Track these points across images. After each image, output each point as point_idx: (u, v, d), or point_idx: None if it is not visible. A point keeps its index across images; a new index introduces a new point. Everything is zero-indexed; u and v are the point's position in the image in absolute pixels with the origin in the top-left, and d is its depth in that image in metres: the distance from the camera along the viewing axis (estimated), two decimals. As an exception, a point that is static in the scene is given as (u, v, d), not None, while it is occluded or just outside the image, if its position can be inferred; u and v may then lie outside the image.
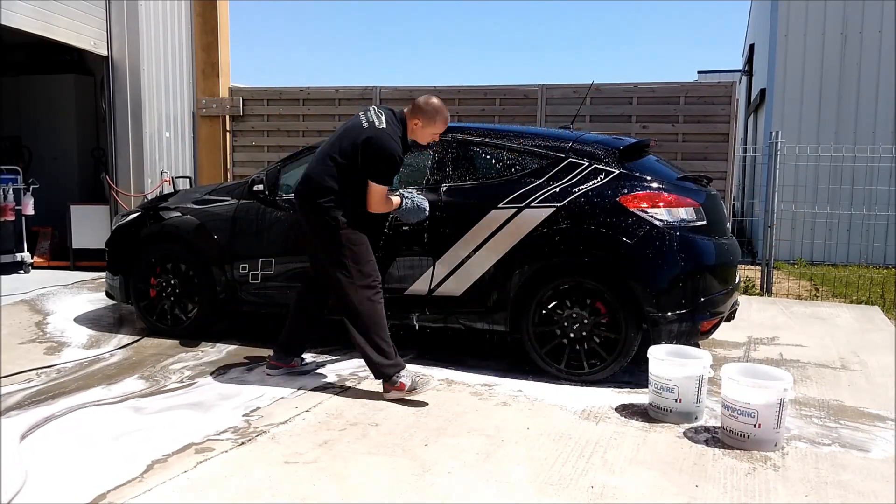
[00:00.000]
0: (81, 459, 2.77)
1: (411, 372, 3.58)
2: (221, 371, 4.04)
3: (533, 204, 3.93)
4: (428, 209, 3.86)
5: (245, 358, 4.32)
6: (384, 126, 3.56)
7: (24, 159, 8.79)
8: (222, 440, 2.97)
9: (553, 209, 3.89)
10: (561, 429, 3.16)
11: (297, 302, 3.96)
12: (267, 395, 3.57)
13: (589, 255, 3.82)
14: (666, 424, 3.23)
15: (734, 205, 10.12)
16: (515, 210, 3.95)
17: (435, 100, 3.69)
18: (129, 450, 2.86)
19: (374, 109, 3.68)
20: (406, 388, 3.48)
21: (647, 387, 3.42)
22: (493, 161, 4.20)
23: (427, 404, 3.46)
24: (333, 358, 4.30)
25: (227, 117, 9.15)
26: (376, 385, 3.74)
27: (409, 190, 3.93)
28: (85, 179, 9.07)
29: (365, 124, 3.59)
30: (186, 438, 2.98)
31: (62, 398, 3.52)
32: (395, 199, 3.74)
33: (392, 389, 3.51)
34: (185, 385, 3.77)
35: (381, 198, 3.60)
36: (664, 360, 3.28)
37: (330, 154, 3.60)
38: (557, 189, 3.93)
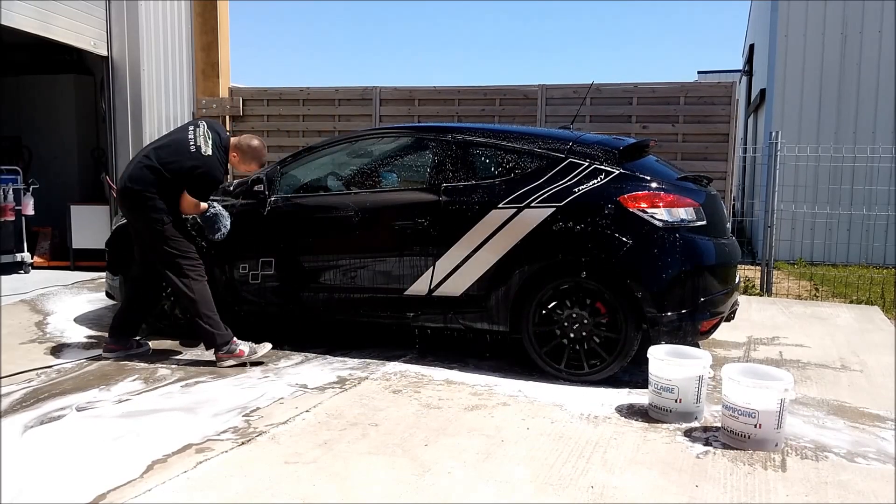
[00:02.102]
0: (81, 459, 2.77)
1: (246, 342, 4.11)
2: (221, 371, 4.04)
3: (533, 204, 3.93)
4: (226, 227, 4.24)
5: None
6: (210, 154, 4.03)
7: (24, 159, 8.78)
8: (222, 440, 2.97)
9: (553, 209, 3.89)
10: (561, 429, 3.16)
11: (134, 289, 4.36)
12: (267, 396, 3.57)
13: (589, 255, 3.82)
14: (666, 424, 3.23)
15: (734, 205, 10.12)
16: (515, 210, 3.95)
17: (256, 142, 4.29)
18: (128, 450, 2.86)
19: (204, 130, 4.10)
20: (246, 354, 4.06)
21: (647, 387, 3.42)
22: (493, 161, 4.20)
23: (427, 405, 3.46)
24: (333, 358, 4.30)
25: (227, 117, 9.15)
26: (376, 385, 3.74)
27: (216, 204, 4.28)
28: (85, 179, 9.06)
29: (192, 147, 4.00)
30: (186, 438, 2.98)
31: (62, 398, 3.52)
32: (203, 205, 4.16)
33: (230, 357, 4.04)
34: (185, 385, 3.77)
35: (191, 205, 4.09)
36: (664, 360, 3.28)
37: (148, 164, 4.00)
38: (557, 189, 3.93)
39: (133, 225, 4.14)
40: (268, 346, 4.16)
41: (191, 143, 4.01)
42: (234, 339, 4.10)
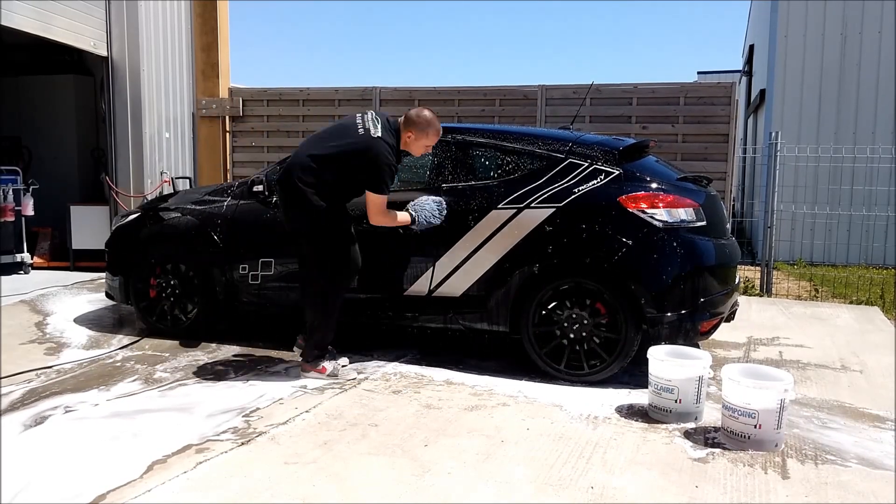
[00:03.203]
0: (81, 459, 2.77)
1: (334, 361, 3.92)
2: (221, 371, 4.04)
3: (533, 204, 3.93)
4: (441, 213, 3.96)
5: (245, 359, 4.32)
6: (380, 135, 3.63)
7: (24, 159, 8.78)
8: (222, 441, 2.97)
9: (553, 210, 3.89)
10: (561, 429, 3.16)
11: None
12: (267, 396, 3.57)
13: (589, 255, 3.82)
14: (666, 425, 3.23)
15: (734, 205, 10.13)
16: (515, 210, 3.95)
17: (427, 112, 3.77)
18: (128, 450, 2.86)
19: (371, 115, 3.74)
20: (328, 371, 3.84)
21: (647, 387, 3.42)
22: (493, 162, 4.20)
23: (427, 405, 3.46)
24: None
25: (227, 118, 9.15)
26: (376, 385, 3.74)
27: (422, 198, 3.99)
28: (85, 179, 9.06)
29: (360, 130, 3.65)
30: (186, 439, 2.98)
31: (62, 398, 3.52)
32: (403, 216, 3.87)
33: (313, 371, 3.84)
34: (185, 385, 3.77)
35: (379, 208, 3.72)
36: (664, 361, 3.28)
37: (314, 152, 3.69)
38: (557, 190, 3.93)
39: (291, 222, 3.83)
40: (345, 360, 4.03)
41: (358, 127, 3.68)
42: (325, 356, 3.91)
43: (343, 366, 3.96)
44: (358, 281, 4.28)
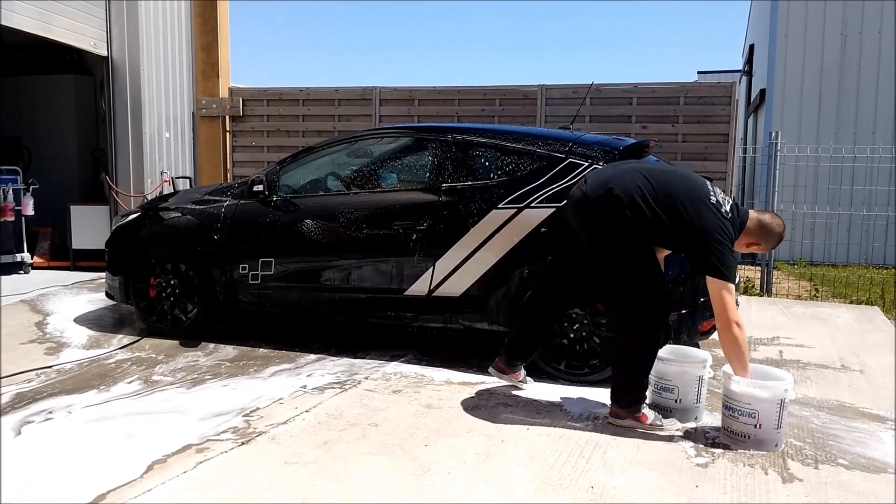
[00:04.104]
0: (81, 459, 2.77)
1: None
2: (221, 371, 4.04)
3: (533, 204, 3.93)
4: None
5: (245, 359, 4.32)
6: (730, 217, 3.10)
7: (24, 159, 8.78)
8: (222, 440, 2.97)
9: (553, 209, 3.89)
10: (561, 429, 3.15)
11: (530, 308, 3.61)
12: (266, 396, 3.57)
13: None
14: (666, 425, 3.22)
15: (734, 205, 10.10)
16: (515, 210, 3.95)
17: (781, 224, 3.22)
18: (128, 450, 2.86)
19: (717, 189, 3.22)
20: (649, 421, 3.16)
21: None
22: (493, 162, 4.19)
23: (427, 404, 3.46)
24: (333, 358, 4.29)
25: (227, 118, 9.14)
26: (376, 385, 3.74)
27: None
28: (85, 179, 9.06)
29: (712, 199, 3.09)
30: (186, 439, 2.98)
31: (62, 398, 3.52)
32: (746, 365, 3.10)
33: (630, 419, 3.17)
34: (185, 385, 3.77)
35: (725, 307, 3.09)
36: (664, 360, 3.28)
37: (649, 184, 3.09)
38: (557, 189, 3.92)
39: (592, 237, 3.20)
40: (676, 424, 3.22)
41: (710, 192, 3.12)
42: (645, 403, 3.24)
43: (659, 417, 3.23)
44: (357, 281, 4.29)
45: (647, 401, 3.20)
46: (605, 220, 3.11)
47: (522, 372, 3.69)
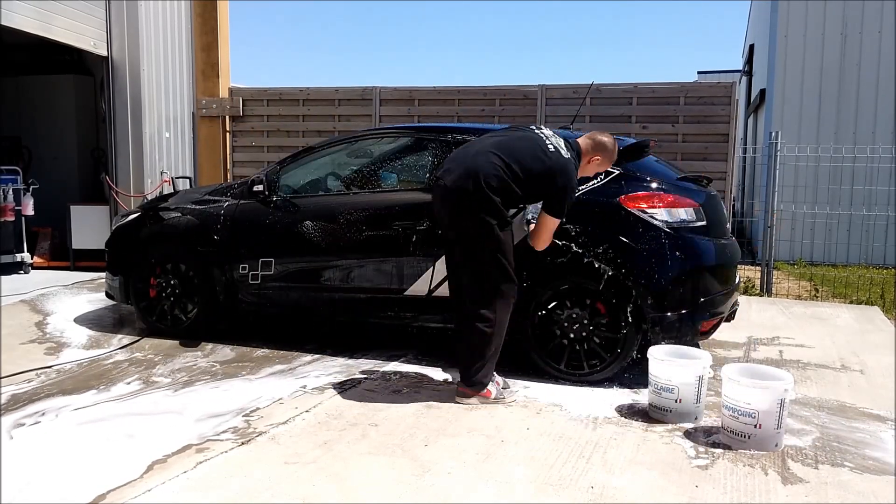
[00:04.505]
0: (81, 459, 2.77)
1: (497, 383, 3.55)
2: (221, 372, 4.04)
3: (533, 204, 3.93)
4: None
5: (245, 359, 4.32)
6: (569, 157, 3.41)
7: (24, 159, 8.78)
8: (222, 441, 2.97)
9: (553, 209, 3.88)
10: (561, 429, 3.15)
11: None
12: (266, 396, 3.57)
13: (589, 255, 3.82)
14: (666, 425, 3.22)
15: (734, 205, 10.12)
16: (515, 210, 3.94)
17: (607, 137, 3.60)
18: (128, 450, 2.86)
19: (551, 132, 3.51)
20: (493, 395, 3.46)
21: (647, 387, 3.42)
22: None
23: (427, 404, 3.46)
24: (333, 358, 4.29)
25: (227, 118, 9.15)
26: (376, 385, 3.74)
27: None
28: (85, 179, 9.06)
29: (550, 147, 3.38)
30: (186, 439, 2.98)
31: (62, 398, 3.52)
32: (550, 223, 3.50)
33: (475, 395, 3.44)
34: (185, 386, 3.77)
35: (552, 232, 3.51)
36: (664, 361, 3.28)
37: (498, 160, 3.32)
38: (557, 189, 3.92)
39: (453, 228, 3.43)
40: (514, 395, 3.57)
41: (547, 144, 3.38)
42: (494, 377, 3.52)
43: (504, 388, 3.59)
44: (357, 281, 4.29)
45: (647, 401, 3.19)
46: (476, 208, 3.30)
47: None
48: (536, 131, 3.52)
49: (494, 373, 3.54)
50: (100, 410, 3.35)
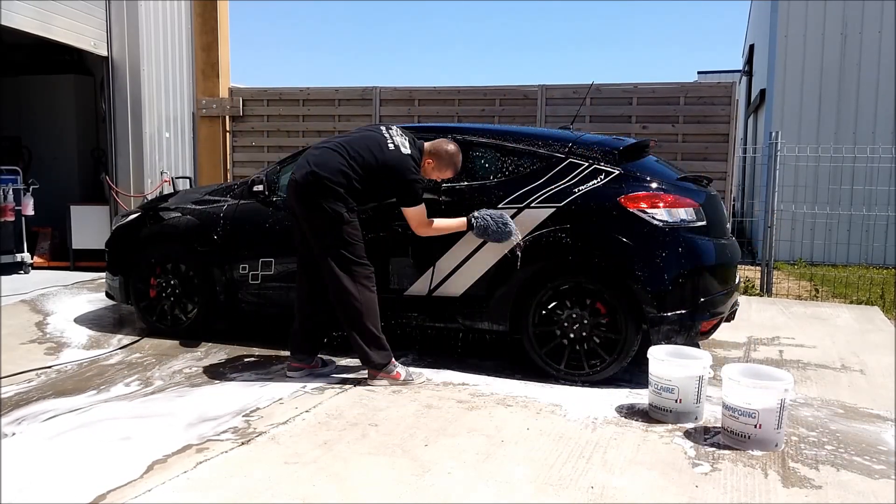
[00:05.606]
0: (81, 459, 2.77)
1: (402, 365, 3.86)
2: (221, 371, 4.04)
3: (533, 204, 3.93)
4: (511, 226, 3.83)
5: (245, 358, 4.32)
6: (409, 153, 3.71)
7: (24, 159, 8.78)
8: (222, 441, 2.97)
9: (553, 209, 3.89)
10: (561, 429, 3.15)
11: (300, 300, 3.94)
12: (266, 396, 3.57)
13: (588, 255, 3.82)
14: (666, 425, 3.22)
15: (734, 205, 10.13)
16: (515, 210, 3.95)
17: (452, 147, 3.84)
18: (128, 450, 2.86)
19: (398, 131, 3.81)
20: (402, 378, 3.75)
21: (647, 387, 3.42)
22: (493, 162, 4.20)
23: (427, 405, 3.46)
24: (332, 358, 4.29)
25: (227, 118, 9.15)
26: (376, 385, 3.74)
27: (481, 211, 3.90)
28: (85, 179, 9.06)
29: (391, 146, 3.70)
30: (186, 439, 2.98)
31: (62, 398, 3.52)
32: (456, 222, 3.87)
33: (386, 377, 3.74)
34: (184, 386, 3.77)
35: (419, 221, 3.78)
36: (664, 361, 3.28)
37: (344, 156, 3.66)
38: (557, 190, 3.93)
39: (306, 220, 3.70)
40: (424, 375, 3.87)
41: (388, 141, 3.71)
42: (393, 360, 3.80)
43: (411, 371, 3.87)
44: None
45: (647, 401, 3.20)
46: (319, 198, 3.60)
47: (319, 360, 4.05)
48: (382, 131, 3.79)
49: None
50: (100, 411, 3.35)
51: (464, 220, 3.86)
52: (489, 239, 3.86)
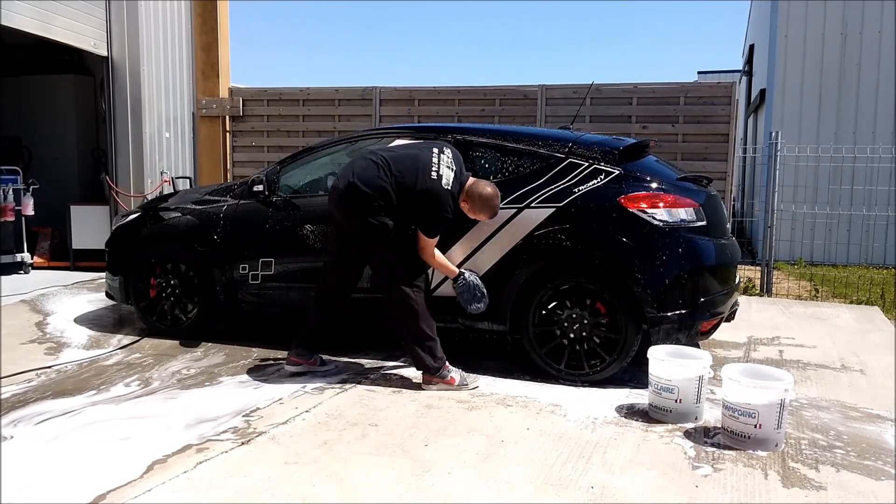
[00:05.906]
0: (81, 460, 2.77)
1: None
2: (221, 371, 4.04)
3: (533, 204, 3.93)
4: (483, 301, 3.87)
5: (245, 359, 4.32)
6: (449, 188, 3.65)
7: (24, 159, 8.78)
8: (222, 441, 2.97)
9: (553, 209, 3.89)
10: (561, 429, 3.15)
11: (322, 297, 3.99)
12: (266, 396, 3.57)
13: (588, 255, 3.82)
14: (666, 425, 3.23)
15: (734, 205, 10.13)
16: (515, 210, 3.95)
17: (489, 190, 3.75)
18: (128, 450, 2.86)
19: (448, 160, 3.73)
20: (456, 383, 3.72)
21: (647, 387, 3.42)
22: (493, 162, 4.20)
23: (427, 404, 3.46)
24: (332, 358, 4.29)
25: (227, 118, 9.15)
26: (376, 385, 3.74)
27: (472, 274, 3.91)
28: (85, 179, 9.06)
29: (433, 175, 3.63)
30: (186, 439, 2.98)
31: (62, 398, 3.52)
32: (451, 268, 3.87)
33: (441, 382, 3.70)
34: (184, 386, 3.77)
35: (426, 250, 3.75)
36: (664, 361, 3.28)
37: (387, 172, 3.63)
38: (557, 189, 3.93)
39: (354, 232, 3.73)
40: (479, 381, 3.83)
41: (433, 168, 3.64)
42: (447, 364, 3.77)
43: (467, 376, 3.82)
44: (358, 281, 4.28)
45: (647, 401, 3.20)
46: (362, 210, 3.62)
47: (318, 358, 4.06)
48: (433, 154, 3.73)
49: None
50: (100, 411, 3.35)
51: (457, 271, 3.87)
52: (459, 299, 3.88)
